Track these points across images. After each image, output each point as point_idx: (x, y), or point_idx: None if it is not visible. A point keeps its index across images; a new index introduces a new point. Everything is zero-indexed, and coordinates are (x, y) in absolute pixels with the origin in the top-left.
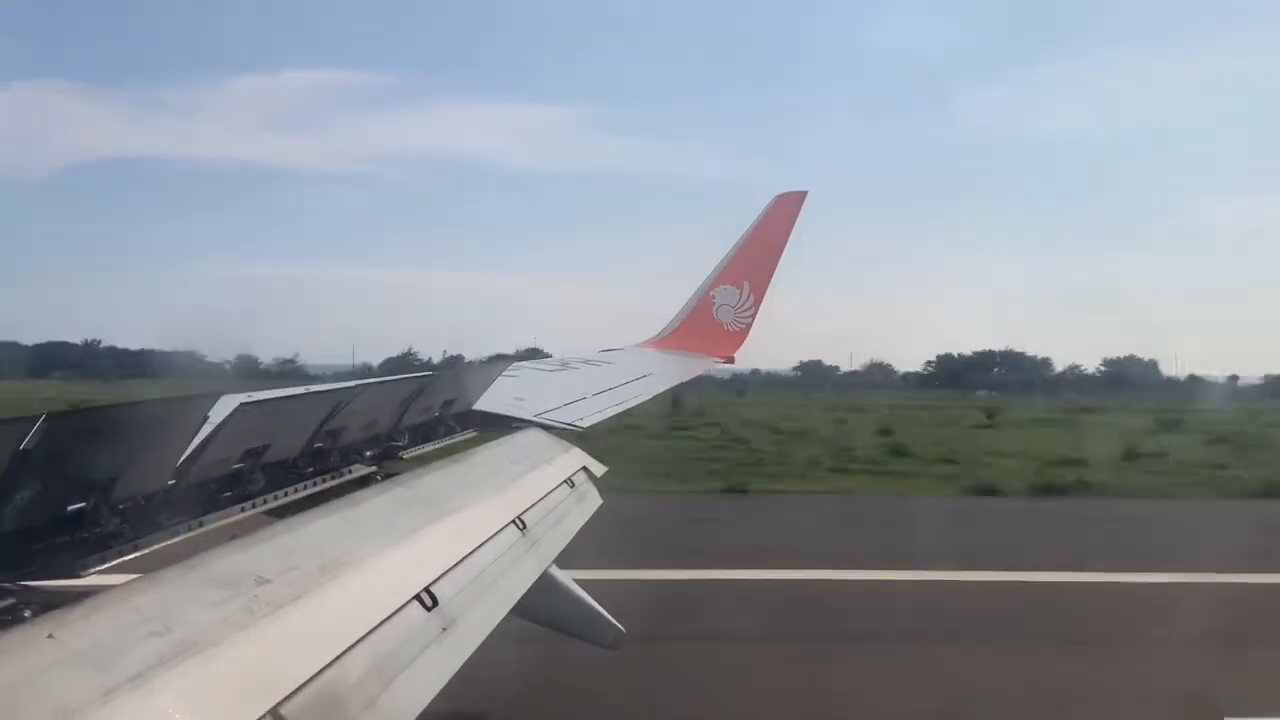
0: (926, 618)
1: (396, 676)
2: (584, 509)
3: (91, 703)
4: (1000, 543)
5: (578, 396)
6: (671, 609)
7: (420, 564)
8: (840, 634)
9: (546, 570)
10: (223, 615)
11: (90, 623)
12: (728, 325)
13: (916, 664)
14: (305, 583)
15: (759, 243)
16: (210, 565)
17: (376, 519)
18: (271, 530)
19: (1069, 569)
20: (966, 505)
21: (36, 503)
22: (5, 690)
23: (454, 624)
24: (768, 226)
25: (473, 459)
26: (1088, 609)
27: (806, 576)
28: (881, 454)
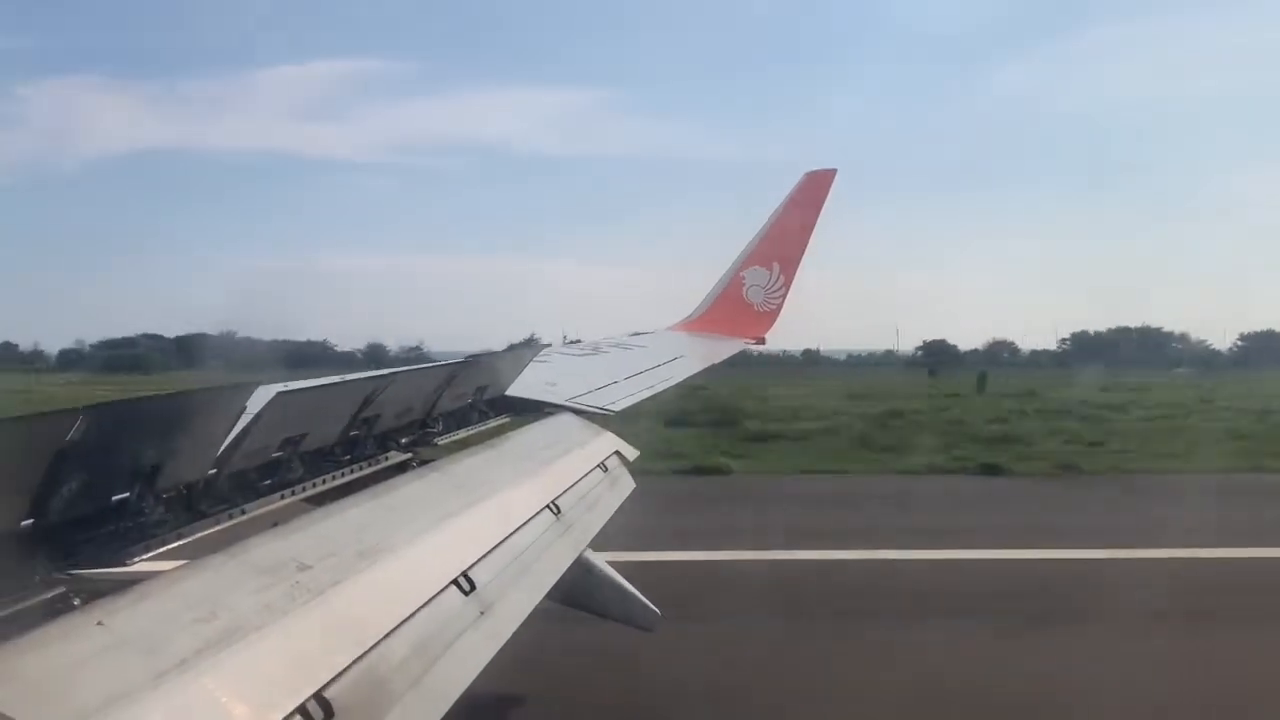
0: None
1: (436, 660)
2: (618, 493)
3: (141, 688)
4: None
5: (609, 380)
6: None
7: (457, 549)
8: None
9: (582, 554)
10: (266, 601)
11: (138, 610)
12: (758, 306)
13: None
14: (345, 568)
15: (788, 222)
16: (252, 552)
17: (413, 505)
18: (311, 517)
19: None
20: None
21: (83, 494)
22: (57, 676)
23: (491, 608)
24: (797, 206)
25: (506, 444)
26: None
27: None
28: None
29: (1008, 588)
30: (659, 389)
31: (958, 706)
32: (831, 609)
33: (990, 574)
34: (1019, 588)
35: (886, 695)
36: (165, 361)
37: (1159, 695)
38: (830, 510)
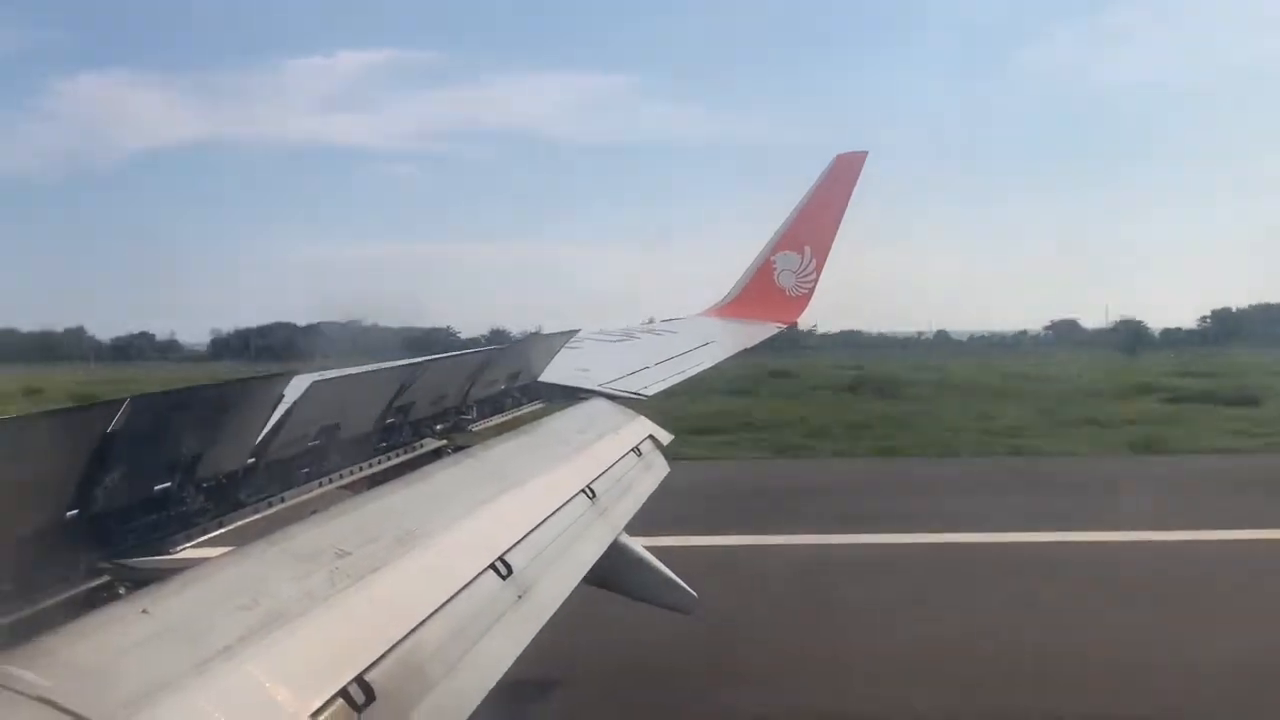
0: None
1: (474, 644)
2: (652, 477)
3: (186, 674)
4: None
5: (641, 365)
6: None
7: (494, 534)
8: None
9: (617, 538)
10: (306, 588)
11: (182, 598)
12: (789, 291)
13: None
14: (384, 554)
15: (819, 206)
16: (292, 540)
17: (449, 491)
18: (349, 504)
19: None
20: None
21: (126, 484)
22: (104, 663)
23: (528, 592)
24: (828, 189)
25: (540, 430)
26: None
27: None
28: None
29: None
30: (691, 374)
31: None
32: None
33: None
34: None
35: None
36: (304, 349)
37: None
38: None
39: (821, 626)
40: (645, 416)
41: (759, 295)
